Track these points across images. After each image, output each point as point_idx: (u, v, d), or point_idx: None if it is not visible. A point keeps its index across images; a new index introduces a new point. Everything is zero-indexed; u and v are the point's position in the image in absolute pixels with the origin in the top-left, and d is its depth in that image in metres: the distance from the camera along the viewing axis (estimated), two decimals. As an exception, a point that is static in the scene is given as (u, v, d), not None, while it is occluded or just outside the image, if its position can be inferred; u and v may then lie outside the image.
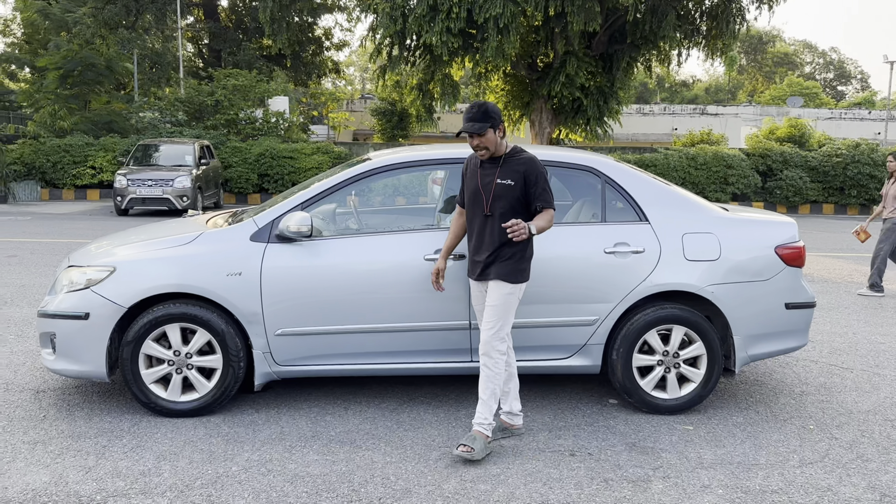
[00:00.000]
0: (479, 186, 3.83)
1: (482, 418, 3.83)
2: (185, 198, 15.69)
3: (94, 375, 4.21)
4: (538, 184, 3.77)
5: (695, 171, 20.04)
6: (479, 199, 3.83)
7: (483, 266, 3.84)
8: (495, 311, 3.79)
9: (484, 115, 3.72)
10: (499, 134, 3.78)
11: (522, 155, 3.85)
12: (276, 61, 34.03)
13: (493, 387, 3.81)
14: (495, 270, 3.80)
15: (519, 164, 3.80)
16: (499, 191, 3.77)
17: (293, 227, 4.12)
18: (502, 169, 3.80)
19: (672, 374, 4.41)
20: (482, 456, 3.74)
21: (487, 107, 3.74)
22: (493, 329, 3.78)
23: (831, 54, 75.26)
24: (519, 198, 3.78)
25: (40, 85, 23.50)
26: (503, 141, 3.83)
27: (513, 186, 3.76)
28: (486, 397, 3.83)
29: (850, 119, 38.72)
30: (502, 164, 3.81)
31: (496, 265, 3.80)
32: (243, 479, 3.51)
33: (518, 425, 4.06)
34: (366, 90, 51.09)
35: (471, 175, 3.92)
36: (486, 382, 3.81)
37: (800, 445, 4.07)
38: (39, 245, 11.07)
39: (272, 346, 4.22)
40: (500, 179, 3.78)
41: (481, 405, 3.84)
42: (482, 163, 3.88)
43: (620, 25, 19.29)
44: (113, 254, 4.38)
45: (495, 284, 3.80)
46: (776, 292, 4.48)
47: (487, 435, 3.83)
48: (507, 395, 4.02)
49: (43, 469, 3.57)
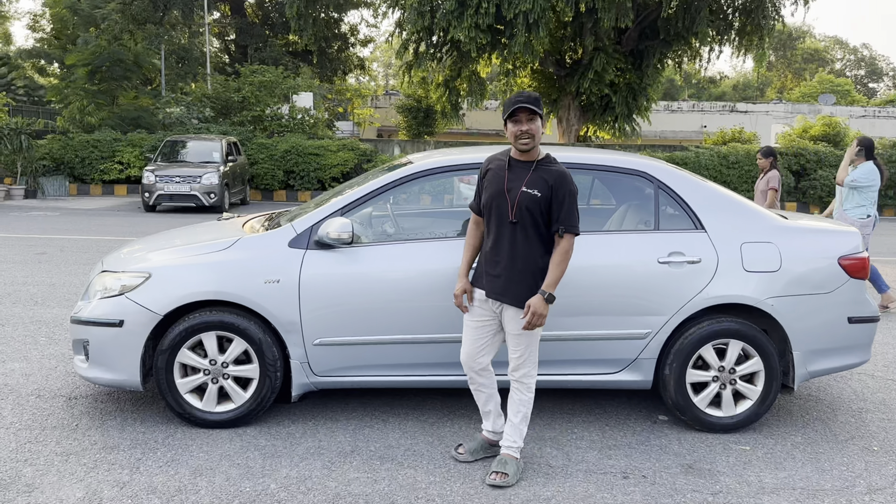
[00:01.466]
0: (505, 190, 3.49)
1: (511, 441, 3.65)
2: (213, 195, 15.65)
3: (127, 384, 4.09)
4: (566, 203, 3.43)
5: (726, 169, 19.64)
6: (503, 205, 3.48)
7: (498, 282, 3.50)
8: (520, 339, 3.54)
9: (537, 101, 3.44)
10: (543, 130, 3.52)
11: (555, 166, 3.51)
12: (302, 57, 34.00)
13: (525, 410, 3.64)
14: (513, 294, 3.48)
15: (550, 175, 3.45)
16: (523, 200, 3.45)
17: (333, 233, 3.96)
18: (532, 176, 3.47)
19: (727, 391, 4.20)
20: (516, 480, 3.56)
21: (538, 96, 3.49)
22: (522, 357, 3.58)
23: (862, 51, 73.82)
24: (542, 212, 3.45)
25: (69, 80, 23.63)
26: (539, 146, 3.57)
27: (538, 198, 3.43)
28: (516, 420, 3.64)
29: (885, 117, 37.84)
30: (534, 169, 3.49)
31: (513, 286, 3.48)
32: (283, 498, 3.36)
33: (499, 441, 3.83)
34: (389, 86, 50.98)
35: (494, 178, 3.55)
36: (518, 406, 3.63)
37: (865, 469, 3.84)
38: (69, 242, 11.05)
39: (310, 355, 4.07)
40: (526, 188, 3.45)
41: (511, 428, 3.65)
42: (511, 165, 3.54)
43: (652, 21, 18.96)
44: (148, 259, 4.25)
45: (516, 313, 3.50)
46: (838, 305, 4.24)
47: (517, 457, 3.64)
48: (489, 415, 3.79)
49: (76, 483, 3.45)
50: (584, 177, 5.13)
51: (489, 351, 3.68)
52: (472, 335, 3.66)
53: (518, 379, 3.62)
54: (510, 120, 3.46)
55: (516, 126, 3.44)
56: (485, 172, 3.67)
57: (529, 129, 3.42)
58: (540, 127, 3.46)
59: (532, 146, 3.47)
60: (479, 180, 3.71)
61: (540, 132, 3.48)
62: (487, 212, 3.57)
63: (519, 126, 3.43)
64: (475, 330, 3.65)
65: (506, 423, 3.69)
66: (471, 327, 3.66)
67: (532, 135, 3.44)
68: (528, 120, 3.42)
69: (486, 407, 3.79)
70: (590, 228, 4.91)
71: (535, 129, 3.44)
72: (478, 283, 3.64)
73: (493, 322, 3.63)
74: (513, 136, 3.47)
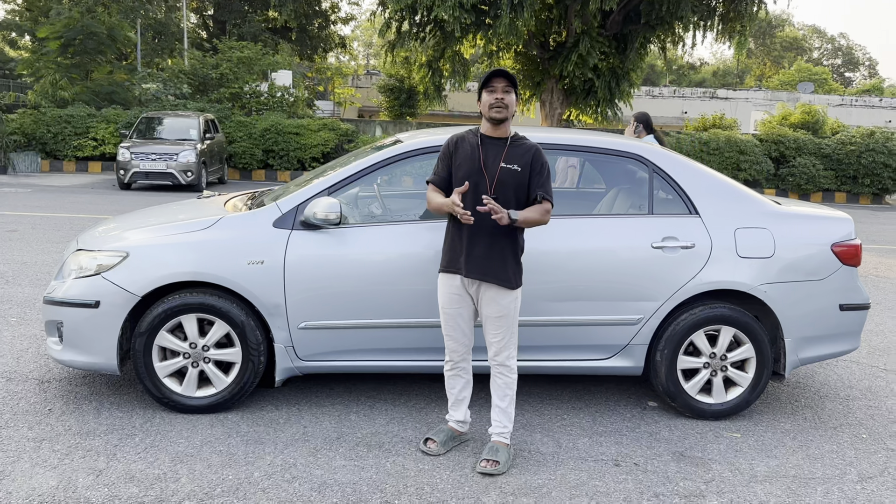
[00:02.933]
0: (482, 167, 3.40)
1: (501, 427, 3.58)
2: (190, 173, 15.34)
3: (103, 368, 3.94)
4: (543, 172, 3.43)
5: (707, 155, 19.67)
6: (480, 182, 3.40)
7: (478, 261, 3.41)
8: (501, 321, 3.47)
9: (513, 76, 3.41)
10: (515, 108, 3.45)
11: (528, 142, 3.50)
12: (282, 34, 33.48)
13: (511, 393, 3.58)
14: (494, 271, 3.41)
15: (525, 150, 3.44)
16: (503, 176, 3.39)
17: (321, 213, 3.83)
18: (509, 151, 3.42)
19: (718, 378, 4.15)
20: (507, 468, 3.49)
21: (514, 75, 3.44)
22: (504, 340, 3.50)
23: (840, 40, 74.45)
24: (522, 186, 3.42)
25: (41, 53, 23.00)
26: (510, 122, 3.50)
27: (519, 173, 3.40)
28: (504, 405, 3.57)
29: (861, 106, 38.21)
30: (509, 145, 3.44)
31: (496, 262, 3.41)
32: (267, 486, 3.25)
33: (466, 432, 3.78)
34: (370, 66, 50.47)
35: (467, 156, 3.45)
36: (504, 390, 3.56)
37: (856, 457, 3.82)
38: (41, 219, 10.76)
39: (295, 339, 3.95)
40: (505, 163, 3.40)
41: (499, 413, 3.58)
42: (483, 142, 3.46)
43: (636, 5, 18.82)
44: (125, 238, 4.09)
45: (497, 293, 3.43)
46: (831, 292, 4.20)
47: (508, 443, 3.58)
48: (461, 403, 3.71)
49: (50, 471, 3.31)
50: (574, 159, 5.05)
51: (471, 336, 3.62)
52: (453, 322, 3.58)
53: (500, 363, 3.54)
54: (485, 89, 3.43)
55: (491, 94, 3.40)
56: (452, 150, 3.54)
57: (506, 99, 3.38)
58: (514, 102, 3.42)
59: (505, 116, 3.41)
60: (444, 157, 3.55)
61: (514, 108, 3.43)
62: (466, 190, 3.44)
63: (494, 94, 3.39)
64: (454, 317, 3.57)
65: (492, 410, 3.61)
66: (450, 314, 3.57)
67: (506, 105, 3.39)
68: (504, 91, 3.39)
69: (462, 394, 3.71)
70: (581, 212, 4.85)
71: (509, 100, 3.39)
72: (452, 267, 3.51)
73: (469, 306, 3.55)
74: (487, 105, 3.42)
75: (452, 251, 3.52)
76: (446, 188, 3.52)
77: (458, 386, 3.70)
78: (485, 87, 3.42)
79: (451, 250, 3.52)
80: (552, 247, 4.01)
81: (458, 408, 3.72)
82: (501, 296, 3.44)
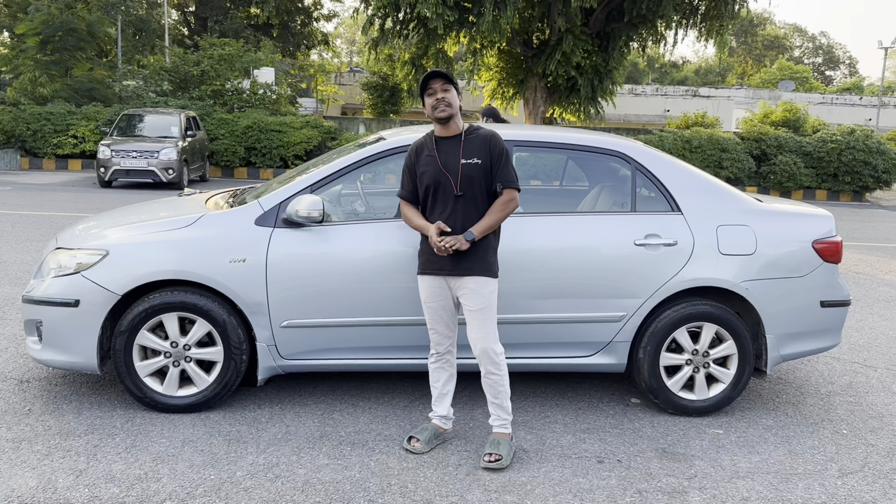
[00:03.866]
0: (442, 168, 3.43)
1: (500, 419, 3.60)
2: (171, 170, 15.21)
3: (83, 367, 3.89)
4: (501, 160, 3.44)
5: (689, 153, 19.79)
6: (445, 182, 3.44)
7: (454, 258, 3.42)
8: (484, 314, 3.47)
9: (448, 74, 3.45)
10: (459, 102, 3.48)
11: (482, 131, 3.52)
12: (264, 31, 33.29)
13: (504, 388, 3.58)
14: (474, 263, 3.43)
15: (482, 141, 3.47)
16: (466, 171, 3.41)
17: (303, 211, 3.80)
18: (465, 146, 3.45)
19: (700, 374, 4.17)
20: (510, 461, 3.50)
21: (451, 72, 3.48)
22: (484, 332, 3.49)
23: (820, 38, 75.19)
24: (488, 177, 3.44)
25: (19, 50, 22.71)
26: (459, 118, 3.53)
27: (480, 165, 3.42)
28: (499, 401, 3.58)
29: (842, 104, 38.62)
30: (464, 141, 3.46)
31: (473, 256, 3.42)
32: (249, 486, 3.23)
33: (450, 429, 3.78)
34: (353, 63, 50.28)
35: (426, 160, 3.50)
36: (496, 387, 3.57)
37: (836, 453, 3.85)
38: (20, 217, 10.63)
39: (277, 338, 3.92)
40: (465, 159, 3.42)
41: (495, 409, 3.60)
42: (438, 143, 3.49)
43: (619, 3, 18.90)
44: (105, 236, 4.04)
45: (476, 283, 3.43)
46: (812, 289, 4.24)
47: (509, 433, 3.60)
48: (445, 398, 3.71)
49: (29, 471, 3.27)
50: (557, 156, 5.05)
51: (454, 327, 3.64)
52: (436, 315, 3.60)
53: (486, 355, 3.52)
54: (425, 94, 3.47)
55: (431, 97, 3.44)
56: (413, 160, 3.58)
57: (445, 97, 3.41)
58: (456, 97, 3.45)
59: (449, 114, 3.44)
60: (407, 168, 3.59)
61: (457, 103, 3.46)
62: (430, 194, 3.50)
63: (434, 96, 3.43)
64: (437, 310, 3.59)
65: (489, 406, 3.61)
66: (433, 308, 3.59)
67: (449, 103, 3.42)
68: (443, 89, 3.42)
69: (447, 387, 3.71)
70: (564, 209, 4.87)
71: (450, 97, 3.42)
72: (428, 269, 3.54)
73: (449, 301, 3.57)
74: (430, 107, 3.46)
75: (426, 252, 3.54)
76: (416, 200, 3.58)
77: (443, 379, 3.70)
78: (424, 91, 3.46)
79: (429, 251, 3.52)
80: (535, 244, 4.01)
81: (442, 402, 3.72)
82: (482, 285, 3.45)
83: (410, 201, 3.60)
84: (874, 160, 20.02)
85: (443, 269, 3.49)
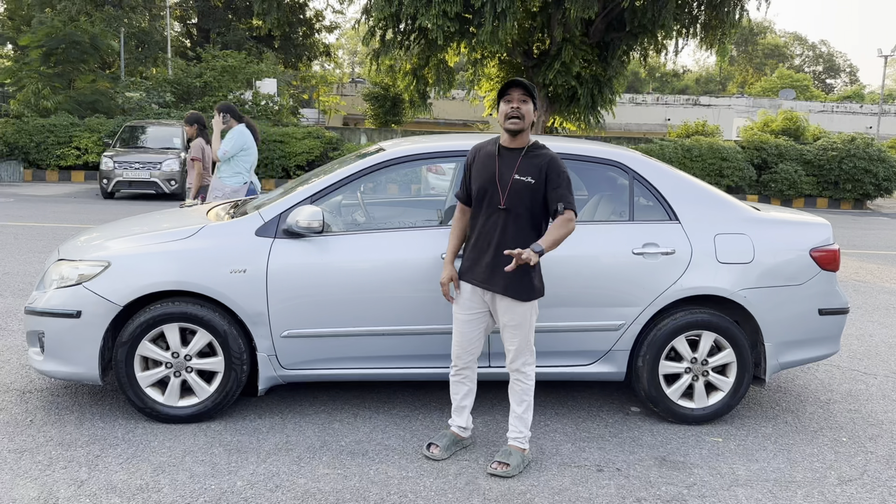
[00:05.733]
0: (496, 178, 3.42)
1: (517, 432, 3.60)
2: (174, 181, 15.28)
3: (85, 378, 3.92)
4: (561, 182, 3.40)
5: (690, 162, 19.84)
6: (493, 193, 3.43)
7: (489, 270, 3.43)
8: (516, 329, 3.49)
9: (532, 87, 3.42)
10: (534, 117, 3.45)
11: (545, 151, 3.48)
12: (266, 42, 33.44)
13: (529, 399, 3.60)
14: (505, 283, 3.42)
15: (541, 160, 3.43)
16: (516, 187, 3.39)
17: (303, 222, 3.83)
18: (523, 163, 3.42)
19: (700, 383, 4.18)
20: (518, 472, 3.51)
21: (534, 86, 3.47)
22: (516, 346, 3.52)
23: (821, 47, 75.32)
24: (538, 198, 3.42)
25: (23, 62, 22.84)
26: (529, 133, 3.52)
27: (533, 185, 3.39)
28: (520, 411, 3.59)
29: (843, 112, 38.67)
30: (524, 156, 3.44)
31: (502, 274, 3.41)
32: (249, 496, 3.24)
33: (468, 437, 3.81)
34: (356, 74, 50.47)
35: (484, 166, 3.49)
36: (521, 395, 3.59)
37: (835, 460, 3.86)
38: (23, 229, 10.68)
39: (278, 348, 3.95)
40: (518, 175, 3.39)
41: (515, 419, 3.60)
42: (500, 153, 3.48)
43: (618, 13, 18.98)
44: (107, 247, 4.07)
45: (510, 303, 3.44)
46: (810, 297, 4.25)
47: (525, 448, 3.60)
48: (464, 410, 3.74)
49: (31, 482, 3.28)
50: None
51: (479, 344, 3.64)
52: (463, 328, 3.60)
53: (517, 369, 3.57)
54: (503, 99, 3.43)
55: (507, 105, 3.40)
56: (472, 161, 3.59)
57: (520, 109, 3.38)
58: (531, 111, 3.42)
59: (521, 128, 3.42)
60: (465, 169, 3.62)
61: (531, 117, 3.43)
62: (478, 200, 3.50)
63: (510, 104, 3.39)
64: (466, 323, 3.59)
65: (510, 416, 3.63)
66: (461, 320, 3.59)
67: (522, 115, 3.39)
68: (521, 100, 3.39)
69: (464, 401, 3.73)
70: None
71: (526, 111, 3.40)
72: (467, 275, 3.55)
73: (483, 314, 3.58)
74: (503, 115, 3.42)
75: (467, 259, 3.57)
76: (470, 202, 3.58)
77: (461, 393, 3.72)
78: (501, 97, 3.43)
79: (465, 258, 3.57)
80: (534, 254, 4.02)
81: (461, 414, 3.75)
82: (516, 305, 3.46)
83: (464, 203, 3.61)
84: (875, 168, 20.06)
85: (470, 277, 3.51)
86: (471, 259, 3.53)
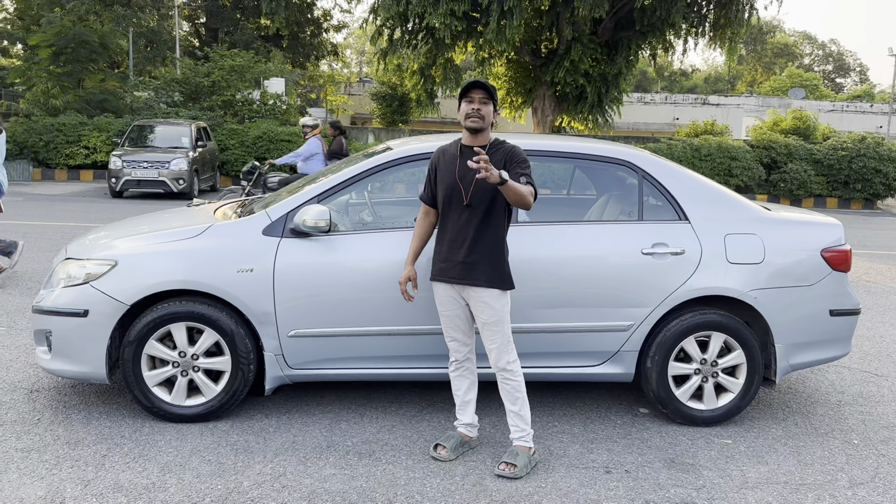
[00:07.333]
0: (457, 178, 3.45)
1: (520, 431, 3.58)
2: (182, 181, 15.31)
3: (92, 377, 3.92)
4: (522, 164, 3.41)
5: (699, 162, 19.74)
6: (457, 192, 3.46)
7: (463, 266, 3.44)
8: (497, 326, 3.48)
9: (493, 89, 3.45)
10: (494, 118, 3.50)
11: (504, 145, 3.52)
12: (274, 42, 33.49)
13: (521, 396, 3.57)
14: (483, 273, 3.42)
15: (502, 154, 3.46)
16: (482, 184, 3.39)
17: (310, 221, 3.82)
18: None
19: (709, 384, 4.15)
20: (526, 472, 3.49)
21: (495, 88, 3.48)
22: (498, 344, 3.51)
23: (830, 46, 74.95)
24: (499, 193, 3.39)
25: (33, 62, 22.94)
26: (489, 132, 3.54)
27: None
28: (516, 409, 3.57)
29: (853, 112, 38.45)
30: (486, 153, 3.39)
31: (482, 266, 3.42)
32: (256, 496, 3.23)
33: (475, 437, 3.79)
34: (363, 73, 50.50)
35: (446, 166, 3.53)
36: (514, 393, 3.56)
37: (846, 463, 3.82)
38: (32, 228, 10.72)
39: (285, 347, 3.94)
40: None
41: (514, 418, 3.58)
42: (462, 152, 3.50)
43: (627, 12, 18.92)
44: (114, 246, 4.07)
45: (487, 294, 3.44)
46: (821, 298, 4.21)
47: (530, 447, 3.58)
48: (468, 406, 3.73)
49: (38, 481, 3.28)
50: (565, 165, 5.05)
51: (471, 333, 3.65)
52: (451, 323, 3.63)
53: (502, 368, 3.55)
54: (464, 99, 3.47)
55: (468, 104, 3.44)
56: (437, 163, 3.62)
57: (480, 110, 3.42)
58: (491, 113, 3.46)
59: (481, 126, 3.45)
60: (430, 171, 3.64)
61: (491, 118, 3.47)
62: (446, 200, 3.52)
63: (471, 105, 3.43)
64: (450, 319, 3.62)
65: (508, 416, 3.61)
66: (447, 316, 3.63)
67: (482, 115, 3.43)
68: (481, 101, 3.43)
69: (468, 395, 3.71)
70: (571, 218, 4.85)
71: (486, 111, 3.43)
72: (441, 276, 3.56)
73: (463, 310, 3.59)
74: (464, 114, 3.46)
75: (438, 258, 3.57)
76: (435, 203, 3.62)
77: (464, 387, 3.71)
78: (463, 97, 3.48)
79: (436, 257, 3.58)
80: (542, 253, 4.01)
81: (465, 410, 3.73)
82: (493, 298, 3.45)
83: (428, 204, 3.64)
84: (885, 167, 19.91)
85: (444, 276, 3.52)
86: (444, 259, 3.53)
